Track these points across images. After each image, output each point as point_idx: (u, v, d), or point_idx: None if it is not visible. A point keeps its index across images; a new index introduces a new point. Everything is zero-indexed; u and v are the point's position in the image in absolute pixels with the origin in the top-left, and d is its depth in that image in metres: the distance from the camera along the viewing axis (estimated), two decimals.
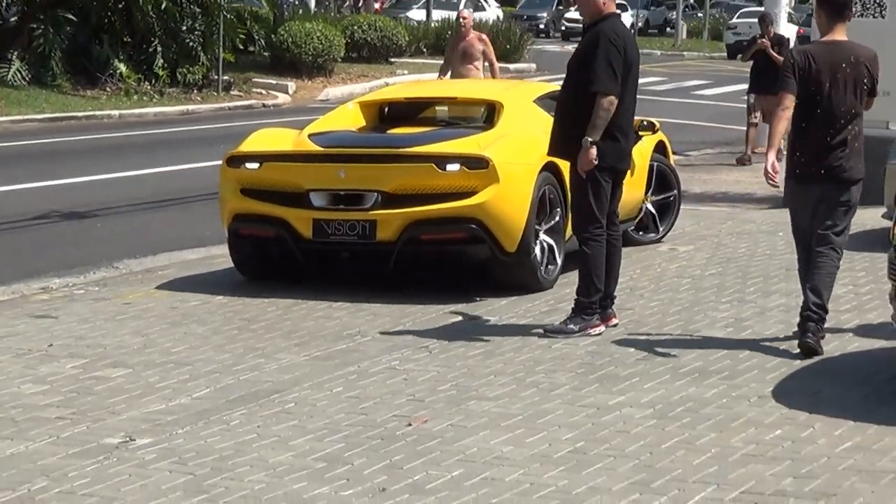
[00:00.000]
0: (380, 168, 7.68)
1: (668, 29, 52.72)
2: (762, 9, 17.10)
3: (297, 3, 32.37)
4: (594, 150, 6.45)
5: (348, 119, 8.82)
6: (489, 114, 8.56)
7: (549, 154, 7.18)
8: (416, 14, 39.94)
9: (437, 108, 9.28)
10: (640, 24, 46.65)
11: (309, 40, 25.75)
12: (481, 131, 8.17)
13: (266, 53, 26.59)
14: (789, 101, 6.27)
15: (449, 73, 13.33)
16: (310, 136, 8.11)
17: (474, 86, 11.65)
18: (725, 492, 4.40)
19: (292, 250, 7.69)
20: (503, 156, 7.49)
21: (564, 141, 6.75)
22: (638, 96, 7.05)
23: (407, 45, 31.47)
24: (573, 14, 42.97)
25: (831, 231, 6.34)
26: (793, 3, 17.17)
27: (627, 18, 37.61)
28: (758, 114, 14.53)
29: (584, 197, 6.67)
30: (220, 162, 8.18)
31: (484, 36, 13.74)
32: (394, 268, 7.73)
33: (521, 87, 11.27)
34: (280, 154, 7.94)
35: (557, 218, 7.86)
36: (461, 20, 13.77)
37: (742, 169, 14.65)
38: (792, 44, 15.84)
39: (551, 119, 7.43)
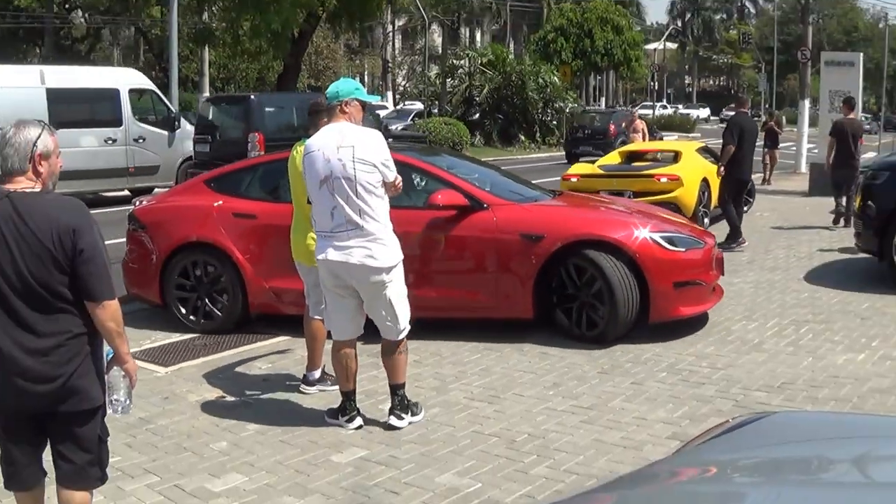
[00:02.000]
0: (630, 180, 15.97)
1: None
2: None
3: None
4: None
5: (614, 159, 17.94)
6: (675, 157, 17.26)
7: None
8: None
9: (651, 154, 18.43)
10: None
11: None
12: (674, 163, 16.65)
13: None
14: None
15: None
16: (599, 166, 17.15)
17: (666, 144, 21.33)
18: None
19: None
20: (684, 174, 15.82)
21: None
22: None
23: None
24: None
25: None
26: None
27: None
28: None
29: None
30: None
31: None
32: None
33: (689, 144, 20.47)
34: (586, 175, 16.54)
35: None
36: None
37: None
38: None
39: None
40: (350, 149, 6.16)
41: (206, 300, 9.41)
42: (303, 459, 6.04)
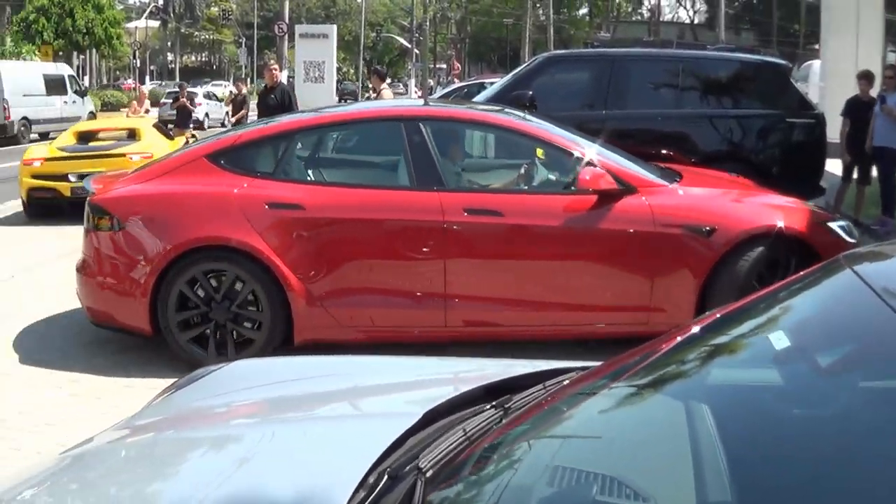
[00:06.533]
0: (100, 160, 15.05)
1: None
2: None
3: None
4: None
5: (69, 140, 16.47)
6: (132, 134, 16.55)
7: None
8: None
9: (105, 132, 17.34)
10: None
11: None
12: (137, 141, 16.00)
13: None
14: None
15: None
16: (58, 148, 15.80)
17: (120, 122, 20.94)
18: None
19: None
20: (156, 150, 15.08)
21: None
22: None
23: None
24: None
25: None
26: None
27: None
28: None
29: None
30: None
31: None
32: None
33: (144, 120, 19.91)
34: (50, 158, 15.45)
35: None
36: None
37: None
38: None
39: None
40: None
41: (232, 328, 7.12)
42: None
